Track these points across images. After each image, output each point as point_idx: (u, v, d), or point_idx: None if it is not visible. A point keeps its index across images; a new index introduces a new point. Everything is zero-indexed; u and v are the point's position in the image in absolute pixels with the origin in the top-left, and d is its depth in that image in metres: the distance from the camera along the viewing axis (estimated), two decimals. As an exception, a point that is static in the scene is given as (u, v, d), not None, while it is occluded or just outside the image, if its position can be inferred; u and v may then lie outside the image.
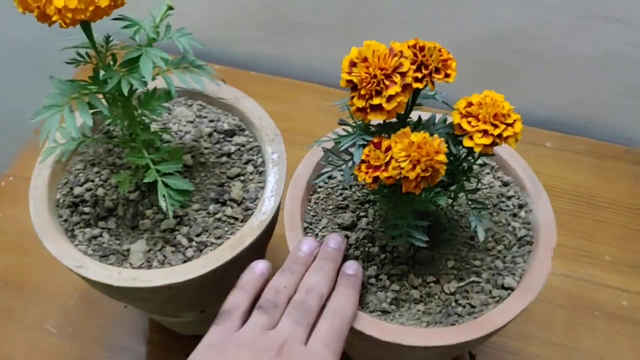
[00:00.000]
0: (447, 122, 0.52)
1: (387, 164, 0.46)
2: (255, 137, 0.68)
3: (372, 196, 0.63)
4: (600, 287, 0.82)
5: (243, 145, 0.68)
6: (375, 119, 0.47)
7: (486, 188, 0.65)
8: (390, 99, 0.45)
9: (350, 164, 0.53)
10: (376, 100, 0.45)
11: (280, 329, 0.51)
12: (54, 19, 0.46)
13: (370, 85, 0.45)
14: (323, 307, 0.54)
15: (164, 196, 0.57)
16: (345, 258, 0.58)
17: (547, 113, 0.95)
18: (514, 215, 0.63)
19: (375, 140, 0.48)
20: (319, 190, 0.65)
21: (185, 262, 0.60)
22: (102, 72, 0.54)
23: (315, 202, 0.64)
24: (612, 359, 0.76)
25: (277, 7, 0.96)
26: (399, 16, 0.91)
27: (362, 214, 0.63)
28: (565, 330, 0.79)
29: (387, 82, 0.45)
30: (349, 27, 0.95)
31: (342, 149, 0.50)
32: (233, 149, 0.68)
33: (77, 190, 0.65)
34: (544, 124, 0.95)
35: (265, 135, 0.67)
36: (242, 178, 0.66)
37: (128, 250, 0.61)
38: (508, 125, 0.47)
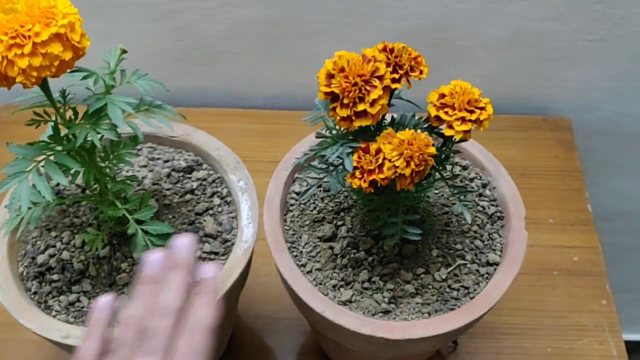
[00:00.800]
0: (417, 118, 0.55)
1: (381, 166, 0.48)
2: (215, 168, 0.67)
3: (346, 203, 0.64)
4: (552, 249, 0.87)
5: (204, 179, 0.67)
6: (361, 125, 0.48)
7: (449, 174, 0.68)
8: (373, 103, 0.47)
9: (334, 173, 0.54)
10: (360, 107, 0.47)
11: None
12: (17, 80, 0.43)
13: (352, 93, 0.46)
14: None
15: (145, 244, 0.55)
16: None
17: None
18: (480, 195, 0.66)
19: (363, 145, 0.49)
20: (291, 208, 0.65)
21: (177, 307, 0.58)
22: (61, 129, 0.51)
23: (291, 221, 0.64)
24: (577, 311, 0.82)
25: (190, 40, 0.95)
26: (317, 28, 0.93)
27: (339, 222, 0.64)
28: (530, 295, 0.83)
29: (368, 88, 0.47)
30: (268, 47, 0.96)
31: (330, 160, 0.51)
32: (195, 184, 0.66)
33: (40, 258, 0.61)
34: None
35: (226, 165, 0.66)
36: (211, 212, 0.65)
37: (112, 308, 0.58)
38: (481, 109, 0.50)
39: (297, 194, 0.66)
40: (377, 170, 0.48)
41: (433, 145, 0.49)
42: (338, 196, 0.65)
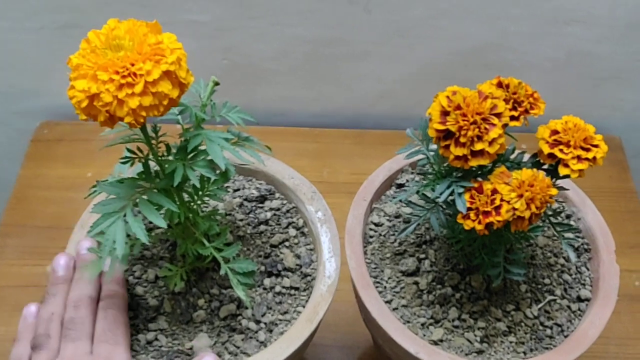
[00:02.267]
0: (519, 152, 0.52)
1: (498, 207, 0.45)
2: (289, 198, 0.65)
3: (428, 236, 0.62)
4: (613, 273, 0.85)
5: (278, 209, 0.64)
6: (477, 164, 0.45)
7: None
8: (492, 142, 0.45)
9: (435, 211, 0.51)
10: (478, 146, 0.44)
11: (62, 355, 0.50)
12: (125, 120, 0.41)
13: (471, 131, 0.44)
14: None
15: (237, 283, 0.52)
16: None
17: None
18: (565, 226, 0.64)
19: (476, 185, 0.47)
20: (370, 240, 0.63)
21: (261, 347, 0.56)
22: (153, 165, 0.49)
23: (371, 254, 0.62)
24: (645, 338, 0.80)
25: (235, 59, 0.93)
26: (365, 49, 0.91)
27: (421, 256, 0.61)
28: (595, 321, 0.81)
29: (487, 126, 0.44)
30: (314, 67, 0.94)
31: (441, 200, 0.48)
32: (269, 215, 0.64)
33: (113, 294, 0.58)
34: (517, 128, 0.98)
35: (302, 194, 0.63)
36: (287, 244, 0.62)
37: (191, 348, 0.56)
38: (595, 146, 0.48)
39: (376, 224, 0.63)
40: (493, 212, 0.45)
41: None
42: (419, 228, 0.63)
